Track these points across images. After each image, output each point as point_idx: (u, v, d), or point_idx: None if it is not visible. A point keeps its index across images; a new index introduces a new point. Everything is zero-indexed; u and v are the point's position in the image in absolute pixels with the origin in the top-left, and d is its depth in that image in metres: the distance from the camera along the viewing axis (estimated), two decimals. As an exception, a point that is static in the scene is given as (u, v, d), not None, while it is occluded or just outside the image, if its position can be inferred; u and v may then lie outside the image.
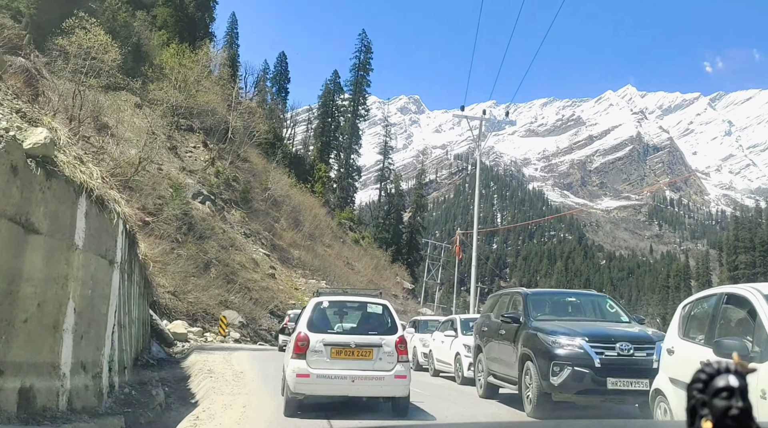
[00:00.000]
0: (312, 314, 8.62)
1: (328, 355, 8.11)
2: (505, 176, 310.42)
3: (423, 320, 22.93)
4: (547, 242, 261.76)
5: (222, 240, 34.22)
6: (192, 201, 36.29)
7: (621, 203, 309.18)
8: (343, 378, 8.03)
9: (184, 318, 22.96)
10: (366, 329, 8.74)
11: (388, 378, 8.17)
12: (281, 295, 33.47)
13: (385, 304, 9.14)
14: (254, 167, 49.02)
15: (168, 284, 23.95)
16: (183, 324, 20.61)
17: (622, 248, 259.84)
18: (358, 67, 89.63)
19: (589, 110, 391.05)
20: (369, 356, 8.20)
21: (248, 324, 27.71)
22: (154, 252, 25.79)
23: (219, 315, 25.83)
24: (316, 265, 40.36)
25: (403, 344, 8.57)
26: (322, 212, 55.37)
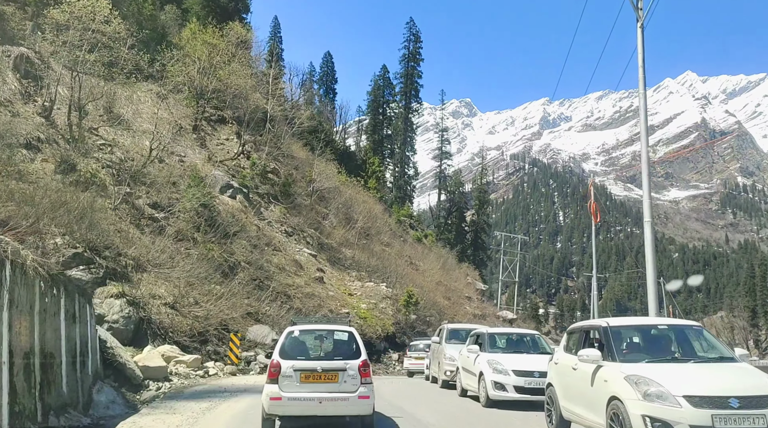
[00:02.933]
0: (284, 341, 9.20)
1: (298, 379, 8.67)
2: (564, 173, 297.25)
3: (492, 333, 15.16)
4: (613, 238, 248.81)
5: (255, 239, 27.23)
6: (219, 195, 29.53)
7: (690, 192, 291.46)
8: (311, 399, 8.63)
9: (186, 339, 15.87)
10: (332, 354, 9.21)
11: (352, 398, 8.75)
12: (331, 302, 26.19)
13: (351, 331, 9.68)
14: (297, 160, 42.11)
15: (166, 293, 16.91)
16: (170, 351, 13.51)
17: (694, 240, 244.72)
18: (408, 57, 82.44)
19: (648, 99, 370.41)
20: (335, 379, 8.75)
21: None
22: (151, 255, 18.88)
23: (243, 332, 18.64)
24: (373, 265, 32.94)
25: (366, 367, 9.00)
26: (378, 208, 47.98)
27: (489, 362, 12.44)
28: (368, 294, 28.87)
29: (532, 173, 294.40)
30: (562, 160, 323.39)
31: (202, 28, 35.78)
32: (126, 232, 20.46)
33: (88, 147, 26.71)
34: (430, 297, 30.79)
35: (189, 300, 17.21)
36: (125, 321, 15.50)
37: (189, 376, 13.27)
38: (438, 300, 32.62)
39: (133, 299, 15.83)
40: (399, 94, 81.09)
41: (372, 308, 27.35)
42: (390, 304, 28.39)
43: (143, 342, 15.49)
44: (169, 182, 27.15)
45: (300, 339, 9.44)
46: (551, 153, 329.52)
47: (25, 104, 27.16)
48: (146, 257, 18.48)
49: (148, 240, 20.45)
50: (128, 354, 11.72)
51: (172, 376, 12.73)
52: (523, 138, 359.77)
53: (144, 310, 15.83)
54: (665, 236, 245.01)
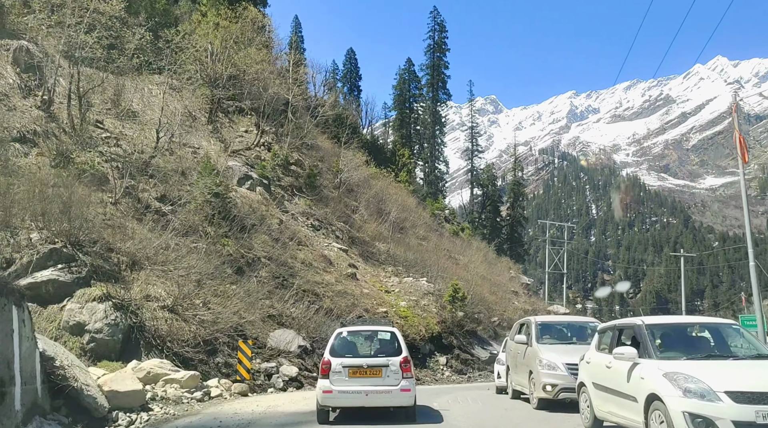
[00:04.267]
0: (334, 341, 10.39)
1: (347, 375, 9.76)
2: (596, 165, 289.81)
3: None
4: (649, 229, 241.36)
5: (277, 232, 23.95)
6: (237, 187, 26.37)
7: (726, 179, 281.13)
8: (358, 392, 9.72)
9: (189, 350, 12.52)
10: (376, 352, 10.35)
11: (395, 391, 9.76)
12: (366, 301, 22.72)
13: (393, 331, 10.80)
14: (322, 151, 38.83)
15: (165, 294, 13.62)
16: (159, 367, 10.19)
17: (734, 227, 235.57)
18: (434, 48, 78.88)
19: (678, 86, 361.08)
20: (379, 374, 9.81)
21: (315, 349, 17.02)
22: (150, 250, 15.63)
23: (263, 339, 15.27)
24: (411, 259, 29.41)
25: (407, 363, 9.98)
26: (412, 201, 44.47)
27: (673, 376, 6.93)
28: (407, 291, 25.37)
29: (561, 167, 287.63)
30: (592, 152, 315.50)
31: (214, 11, 32.73)
32: (124, 226, 17.34)
33: (92, 140, 23.89)
34: (476, 292, 27.19)
35: (193, 302, 13.88)
36: (111, 330, 12.24)
37: (180, 401, 9.92)
38: (485, 295, 28.98)
39: (121, 303, 12.58)
40: (425, 86, 77.72)
41: (413, 306, 23.83)
42: (433, 300, 24.84)
43: (134, 354, 12.23)
44: (178, 173, 24.13)
45: (348, 338, 10.55)
46: (580, 146, 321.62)
47: (25, 98, 24.45)
48: (144, 252, 15.25)
49: (149, 234, 17.28)
50: (89, 376, 8.42)
51: (154, 402, 9.41)
52: (551, 132, 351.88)
53: (135, 315, 12.56)
54: (703, 225, 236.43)
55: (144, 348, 12.27)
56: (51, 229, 13.81)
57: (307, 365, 16.14)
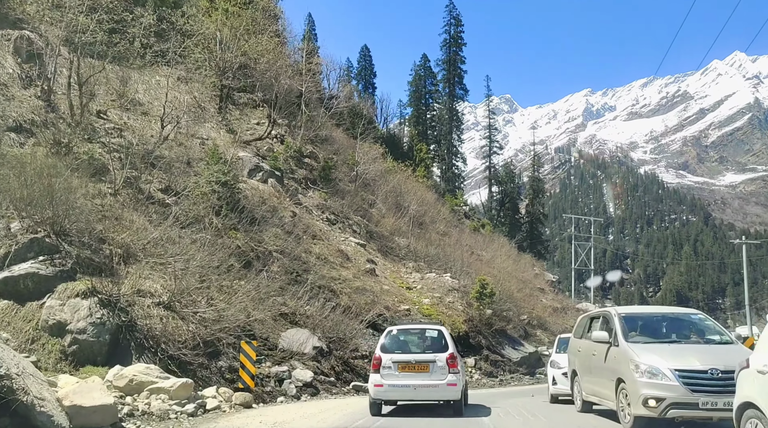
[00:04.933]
0: (385, 339, 11.03)
1: (396, 370, 10.34)
2: (612, 163, 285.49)
3: None
4: (668, 227, 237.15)
5: (290, 225, 22.23)
6: (247, 179, 24.71)
7: (747, 176, 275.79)
8: (407, 386, 10.26)
9: (187, 353, 10.78)
10: (424, 349, 10.85)
11: (442, 385, 10.22)
12: (386, 298, 20.89)
13: (440, 329, 11.35)
14: (337, 144, 37.08)
15: (162, 289, 11.91)
16: (144, 373, 8.44)
17: (756, 224, 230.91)
18: (450, 42, 76.78)
19: (696, 83, 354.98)
20: (426, 369, 10.30)
21: (332, 351, 15.22)
22: (147, 241, 13.94)
23: (275, 340, 13.51)
24: (432, 255, 27.55)
25: (453, 359, 10.44)
26: (431, 196, 42.63)
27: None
28: (430, 287, 23.52)
29: (578, 165, 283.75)
30: (609, 150, 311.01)
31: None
32: (122, 217, 15.71)
33: (95, 131, 22.41)
34: (504, 288, 25.28)
35: (194, 298, 12.15)
36: (96, 330, 10.52)
37: (166, 416, 8.12)
38: (513, 292, 27.04)
39: (109, 299, 10.86)
40: (441, 81, 75.73)
41: (437, 304, 21.98)
42: (458, 297, 22.97)
43: (124, 358, 10.50)
44: (184, 163, 22.54)
45: (397, 336, 11.05)
46: (597, 144, 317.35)
47: (26, 89, 23.01)
48: (140, 244, 13.56)
49: (149, 225, 15.62)
50: (46, 388, 6.68)
51: (132, 419, 7.61)
52: (566, 131, 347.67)
53: (125, 313, 10.84)
54: (724, 222, 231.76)
55: (135, 351, 10.55)
56: (33, 217, 12.17)
57: (323, 368, 14.36)
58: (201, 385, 10.40)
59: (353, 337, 16.12)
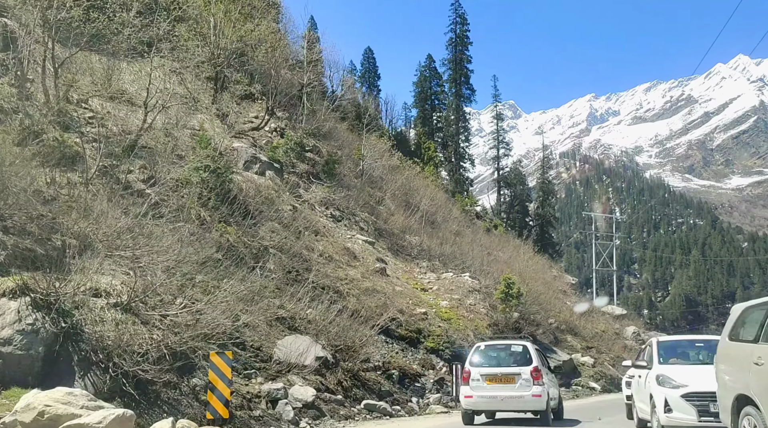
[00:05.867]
0: (473, 354, 12.01)
1: (484, 382, 11.14)
2: (618, 168, 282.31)
3: None
4: (675, 231, 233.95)
5: (289, 221, 19.61)
6: (244, 171, 22.15)
7: (753, 179, 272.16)
8: (494, 397, 11.11)
9: (149, 369, 8.10)
10: (510, 362, 11.53)
11: (527, 397, 10.86)
12: (400, 301, 18.21)
13: (525, 344, 11.98)
14: (341, 140, 34.48)
15: (122, 288, 9.24)
16: (61, 403, 5.81)
17: (764, 227, 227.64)
18: (455, 42, 74.18)
19: (699, 86, 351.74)
20: (512, 381, 10.98)
21: (338, 362, 12.52)
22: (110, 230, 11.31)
23: (269, 350, 10.82)
24: (447, 254, 24.91)
25: (537, 372, 10.98)
26: (441, 196, 40.01)
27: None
28: (447, 288, 20.85)
29: (583, 170, 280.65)
30: (614, 154, 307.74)
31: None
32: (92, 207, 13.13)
33: (75, 120, 19.98)
34: (531, 288, 22.59)
35: (164, 298, 9.52)
36: (27, 340, 7.88)
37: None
38: (540, 293, 24.34)
39: (46, 299, 8.23)
40: (447, 81, 73.13)
41: (456, 306, 19.30)
42: (480, 299, 20.30)
43: (64, 376, 7.85)
44: (171, 153, 19.99)
45: (485, 351, 12.14)
46: (602, 148, 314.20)
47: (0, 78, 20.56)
48: (100, 234, 10.96)
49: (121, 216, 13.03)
50: None
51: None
52: (571, 136, 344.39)
53: (69, 318, 8.21)
54: (731, 226, 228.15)
55: (78, 367, 7.90)
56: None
57: (328, 383, 11.68)
58: (161, 413, 7.75)
59: (363, 345, 13.45)
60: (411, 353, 16.11)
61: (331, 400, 10.82)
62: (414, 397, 14.02)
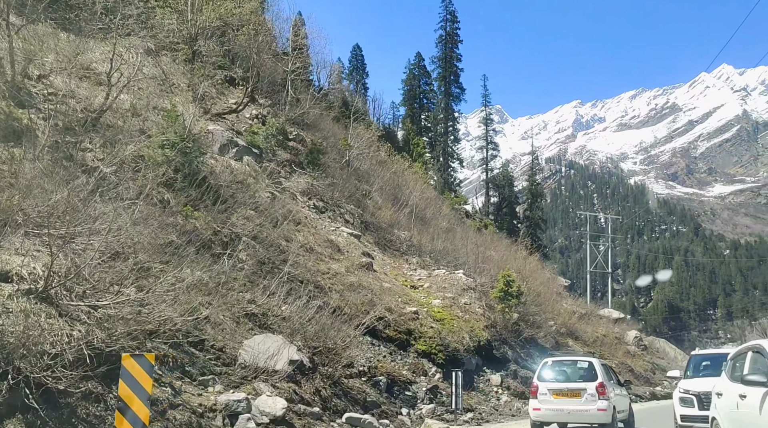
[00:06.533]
0: (541, 370, 12.61)
1: (551, 396, 11.77)
2: (603, 174, 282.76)
3: None
4: (659, 237, 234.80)
5: (267, 209, 17.62)
6: (218, 156, 20.13)
7: (735, 187, 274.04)
8: (561, 410, 11.67)
9: (65, 375, 6.08)
10: (576, 378, 12.16)
11: (592, 410, 11.44)
12: (388, 298, 16.28)
13: (591, 361, 12.59)
14: (326, 131, 32.53)
15: (41, 271, 7.19)
16: None
17: (746, 235, 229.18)
18: (445, 39, 72.52)
19: (684, 95, 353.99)
20: (578, 396, 11.60)
21: (317, 366, 10.55)
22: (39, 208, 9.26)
23: (233, 351, 8.82)
24: (439, 250, 23.04)
25: (602, 388, 11.58)
26: (431, 192, 38.24)
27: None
28: (440, 286, 18.96)
29: (569, 175, 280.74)
30: (599, 161, 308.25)
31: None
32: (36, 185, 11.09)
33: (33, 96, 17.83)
34: (530, 287, 20.77)
35: (96, 285, 7.53)
36: None
37: None
38: (540, 293, 22.52)
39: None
40: (437, 79, 71.44)
41: (450, 305, 17.41)
42: (476, 298, 18.41)
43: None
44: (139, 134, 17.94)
45: (552, 367, 12.66)
46: (587, 154, 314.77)
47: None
48: (31, 210, 8.94)
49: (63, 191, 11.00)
50: None
51: None
52: (557, 141, 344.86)
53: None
54: (714, 233, 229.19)
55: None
56: None
57: (303, 392, 9.71)
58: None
59: (347, 347, 11.47)
60: (400, 357, 14.22)
61: (306, 413, 8.85)
62: (404, 408, 12.10)
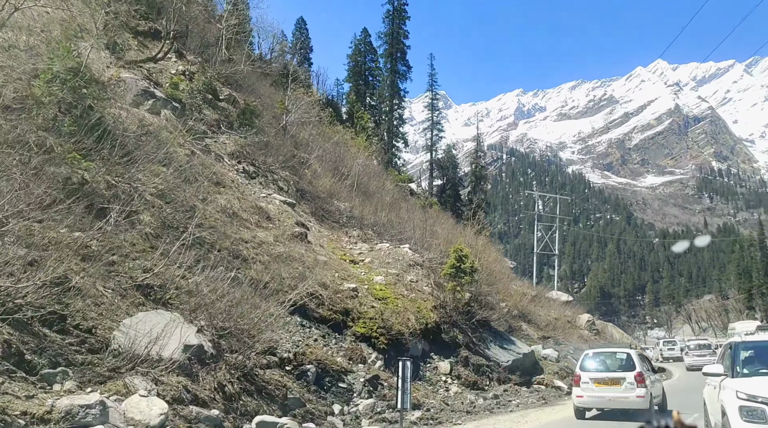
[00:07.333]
0: (582, 360, 13.67)
1: (593, 384, 12.73)
2: (542, 162, 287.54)
3: None
4: (593, 225, 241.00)
5: (185, 167, 14.88)
6: (131, 108, 17.16)
7: (666, 178, 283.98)
8: (602, 397, 12.59)
9: None
10: (615, 368, 13.16)
11: (631, 397, 12.30)
12: (324, 273, 13.91)
13: (629, 352, 13.60)
14: (262, 95, 29.64)
15: None
16: None
17: (674, 225, 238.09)
18: (392, 14, 69.79)
19: (621, 88, 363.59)
20: (618, 384, 12.52)
21: (223, 353, 8.09)
22: None
23: (105, 333, 6.23)
24: (383, 223, 20.81)
25: (640, 377, 12.45)
26: (374, 167, 35.93)
27: None
28: (383, 261, 16.74)
29: (510, 162, 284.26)
30: (539, 149, 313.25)
31: None
32: None
33: None
34: (484, 265, 18.78)
35: None
36: None
37: None
38: (494, 271, 20.59)
39: None
40: (383, 56, 68.85)
41: (393, 283, 15.22)
42: (423, 275, 16.28)
43: None
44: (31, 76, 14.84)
45: (593, 358, 13.66)
46: (528, 142, 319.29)
47: None
48: None
49: None
50: None
51: None
52: (499, 129, 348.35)
53: None
54: (645, 222, 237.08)
55: None
56: None
57: (200, 388, 7.26)
58: None
59: (266, 328, 9.04)
60: (335, 340, 11.94)
61: (199, 419, 6.39)
62: (337, 404, 9.80)
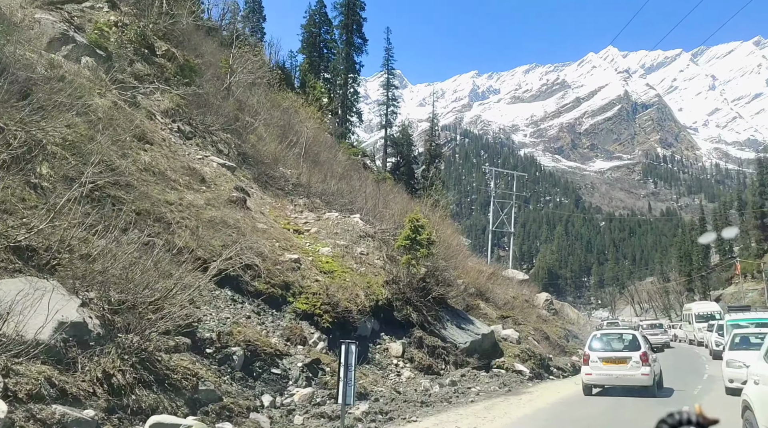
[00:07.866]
0: (591, 340, 14.99)
1: (601, 363, 13.84)
2: (495, 144, 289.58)
3: None
4: (543, 207, 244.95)
5: (104, 120, 12.85)
6: (45, 52, 14.91)
7: (613, 163, 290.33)
8: (610, 375, 13.74)
9: None
10: (622, 348, 14.44)
11: (637, 375, 13.40)
12: (262, 242, 12.21)
13: (635, 333, 15.20)
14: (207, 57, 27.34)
15: None
16: None
17: (620, 208, 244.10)
18: (349, -17, 67.38)
19: (573, 73, 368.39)
20: (624, 363, 13.61)
21: (115, 332, 6.40)
22: None
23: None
24: (332, 191, 19.17)
25: (645, 356, 13.59)
26: (326, 137, 34.11)
27: None
28: (331, 231, 15.15)
29: (463, 144, 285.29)
30: (492, 131, 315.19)
31: None
32: None
33: None
34: (441, 237, 17.40)
35: None
36: None
37: None
38: (450, 245, 19.24)
39: None
40: (338, 27, 66.49)
41: (341, 256, 13.68)
42: (375, 247, 14.78)
43: None
44: None
45: (601, 339, 14.96)
46: (481, 124, 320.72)
47: None
48: None
49: None
50: None
51: None
52: (453, 110, 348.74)
53: None
54: (592, 205, 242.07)
55: None
56: None
57: (74, 380, 5.56)
58: None
59: (180, 303, 7.31)
60: (271, 318, 10.32)
61: (63, 423, 4.70)
62: (267, 394, 8.11)
